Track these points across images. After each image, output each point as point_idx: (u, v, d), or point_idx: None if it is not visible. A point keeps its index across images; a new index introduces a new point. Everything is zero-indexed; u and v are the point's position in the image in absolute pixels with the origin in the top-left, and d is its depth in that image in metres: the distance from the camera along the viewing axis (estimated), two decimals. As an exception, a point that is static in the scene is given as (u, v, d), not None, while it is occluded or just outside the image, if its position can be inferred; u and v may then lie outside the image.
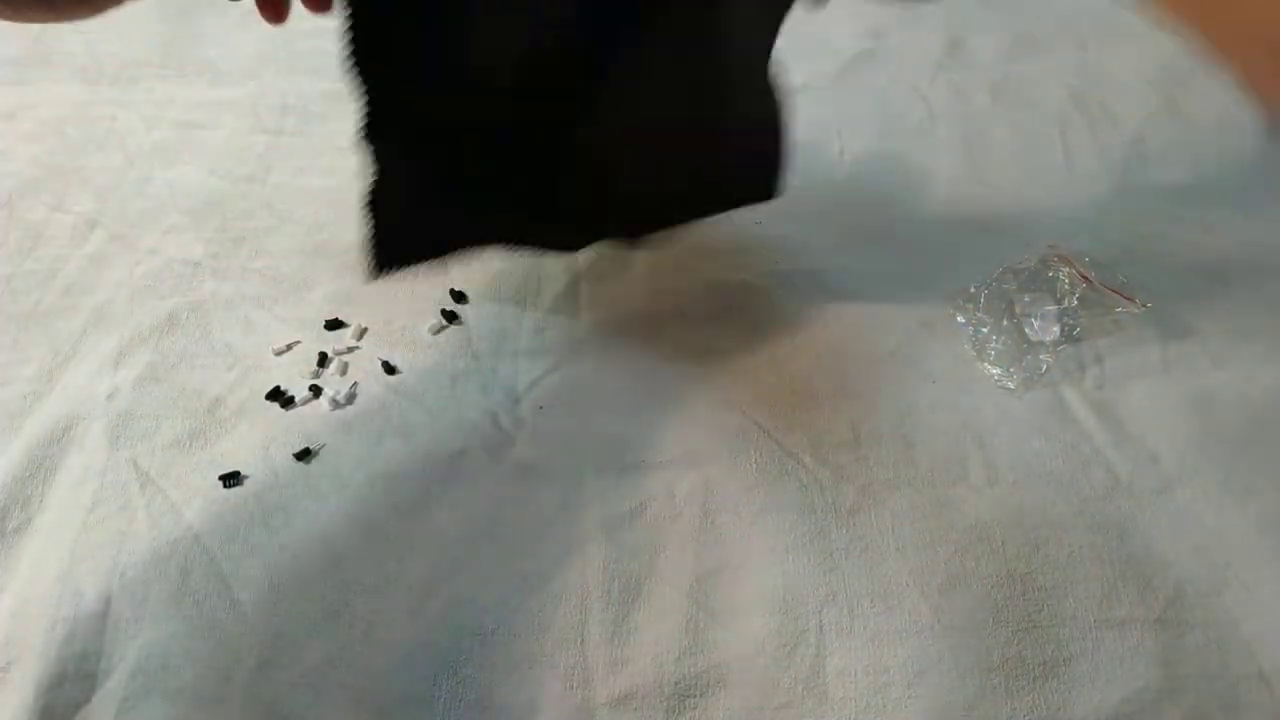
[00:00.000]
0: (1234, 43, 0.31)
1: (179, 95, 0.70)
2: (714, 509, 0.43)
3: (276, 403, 0.48)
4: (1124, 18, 0.75)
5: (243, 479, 0.44)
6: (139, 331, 0.52)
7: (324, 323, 0.52)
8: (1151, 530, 0.42)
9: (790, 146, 0.50)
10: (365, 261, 0.42)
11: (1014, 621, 0.39)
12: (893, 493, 0.43)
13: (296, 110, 0.68)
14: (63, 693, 0.38)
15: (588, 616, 0.40)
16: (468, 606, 0.40)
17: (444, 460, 0.45)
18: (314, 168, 0.63)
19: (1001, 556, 0.41)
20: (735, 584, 0.40)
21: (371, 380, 0.49)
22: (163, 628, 0.39)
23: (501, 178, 0.44)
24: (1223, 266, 0.55)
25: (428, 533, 0.42)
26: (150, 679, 0.38)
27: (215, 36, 0.76)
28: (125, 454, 0.45)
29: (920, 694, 0.38)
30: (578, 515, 0.43)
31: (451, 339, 0.51)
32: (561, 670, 0.38)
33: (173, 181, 0.62)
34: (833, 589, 0.40)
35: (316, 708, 0.38)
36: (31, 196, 0.61)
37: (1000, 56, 0.72)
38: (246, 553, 0.42)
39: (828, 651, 0.39)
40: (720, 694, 0.38)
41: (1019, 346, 0.49)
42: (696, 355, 0.50)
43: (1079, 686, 0.38)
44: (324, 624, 0.40)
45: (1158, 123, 0.65)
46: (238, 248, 0.57)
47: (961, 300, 0.51)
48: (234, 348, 0.51)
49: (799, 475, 0.44)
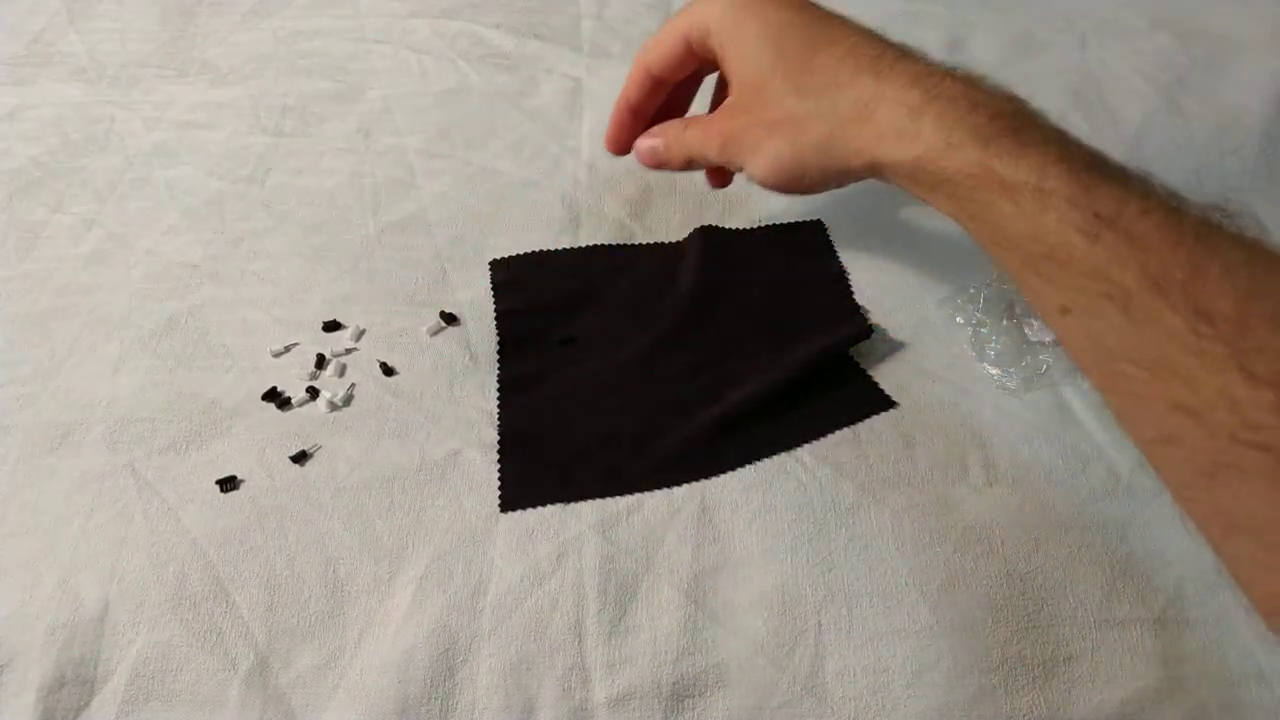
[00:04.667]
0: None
1: (179, 95, 0.70)
2: (712, 507, 0.43)
3: (273, 404, 0.48)
4: (1124, 17, 0.75)
5: (239, 483, 0.44)
6: (137, 333, 0.51)
7: (322, 324, 0.52)
8: (1151, 530, 0.42)
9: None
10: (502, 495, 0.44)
11: (1014, 621, 0.39)
12: (892, 492, 0.43)
13: (296, 110, 0.68)
14: (61, 697, 0.38)
15: (585, 616, 0.40)
16: (464, 607, 0.40)
17: (441, 461, 0.45)
18: (314, 168, 0.63)
19: (1001, 556, 0.41)
20: (734, 583, 0.40)
21: (369, 382, 0.49)
22: (160, 631, 0.39)
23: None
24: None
25: (424, 534, 0.42)
26: (148, 683, 0.39)
27: (215, 36, 0.76)
28: (123, 458, 0.45)
29: (919, 694, 0.38)
30: (575, 513, 0.43)
31: (450, 340, 0.51)
32: (559, 670, 0.38)
33: (172, 182, 0.62)
34: (832, 588, 0.40)
35: (314, 710, 0.38)
36: (30, 197, 0.61)
37: (1000, 56, 0.72)
38: (243, 556, 0.41)
39: (827, 651, 0.39)
40: (719, 694, 0.38)
41: (1019, 346, 0.49)
42: (695, 355, 0.50)
43: (1079, 686, 0.38)
44: (321, 626, 0.40)
45: (1158, 123, 0.65)
46: (236, 249, 0.57)
47: (961, 300, 0.51)
48: (231, 349, 0.51)
49: (798, 474, 0.44)
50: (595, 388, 0.49)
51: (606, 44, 0.74)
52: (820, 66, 0.42)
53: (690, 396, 0.48)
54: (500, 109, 0.68)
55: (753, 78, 0.44)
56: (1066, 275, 0.35)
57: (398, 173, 0.62)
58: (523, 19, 0.77)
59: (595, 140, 0.65)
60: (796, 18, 0.44)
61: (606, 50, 0.74)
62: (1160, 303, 0.32)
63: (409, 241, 0.57)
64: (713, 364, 0.49)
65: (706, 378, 0.48)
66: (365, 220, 0.59)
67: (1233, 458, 0.29)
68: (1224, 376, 0.30)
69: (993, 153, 0.37)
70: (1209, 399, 0.30)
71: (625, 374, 0.49)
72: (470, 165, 0.63)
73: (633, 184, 0.61)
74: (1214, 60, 0.70)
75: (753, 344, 0.50)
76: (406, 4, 0.79)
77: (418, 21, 0.77)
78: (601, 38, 0.75)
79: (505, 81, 0.70)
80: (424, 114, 0.67)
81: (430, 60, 0.72)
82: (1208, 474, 0.31)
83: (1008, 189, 0.36)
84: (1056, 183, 0.35)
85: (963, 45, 0.73)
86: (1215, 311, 0.30)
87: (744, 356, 0.49)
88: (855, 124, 0.41)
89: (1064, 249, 0.34)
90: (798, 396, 0.47)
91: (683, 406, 0.47)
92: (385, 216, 0.59)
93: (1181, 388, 0.31)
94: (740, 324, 0.51)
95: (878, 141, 0.40)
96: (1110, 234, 0.33)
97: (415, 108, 0.68)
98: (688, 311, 0.51)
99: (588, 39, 0.75)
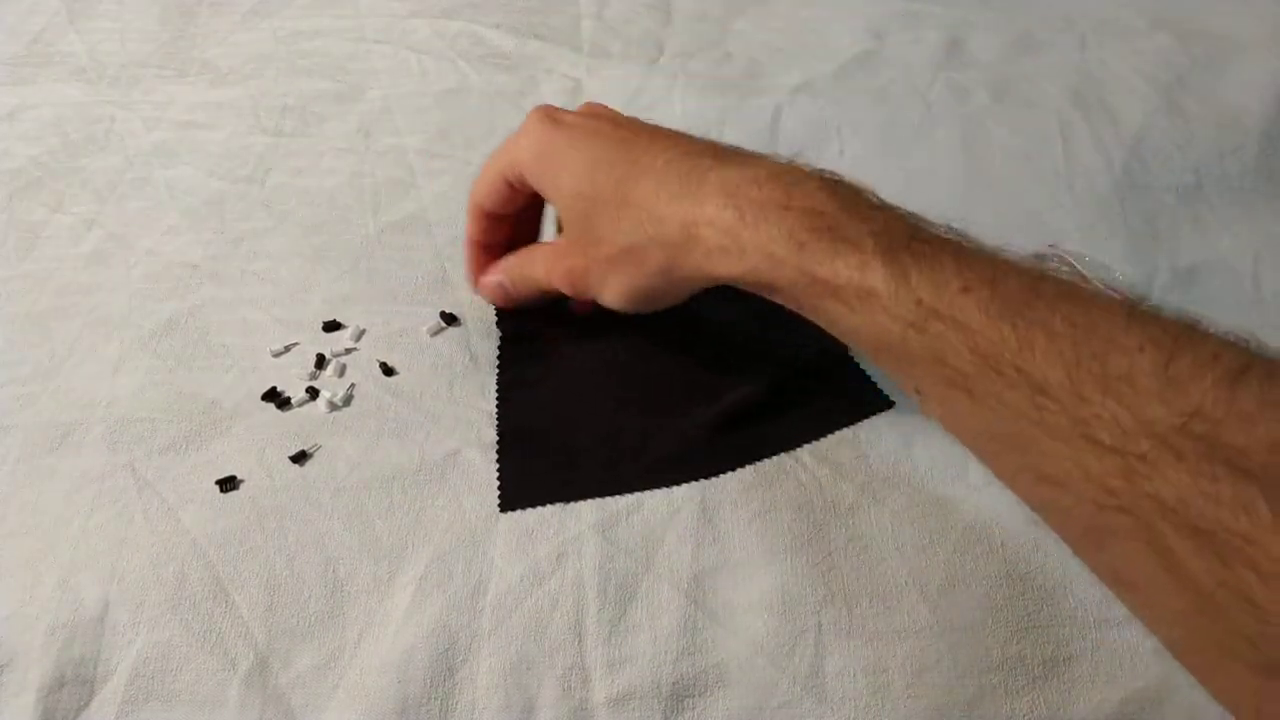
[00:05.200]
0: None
1: (179, 95, 0.70)
2: (712, 507, 0.43)
3: (273, 404, 0.48)
4: (1124, 18, 0.75)
5: (239, 483, 0.44)
6: (137, 333, 0.51)
7: (322, 324, 0.52)
8: (1151, 530, 0.42)
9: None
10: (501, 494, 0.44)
11: (1014, 621, 0.39)
12: (892, 492, 0.43)
13: (296, 110, 0.68)
14: (61, 697, 0.38)
15: (585, 616, 0.40)
16: (464, 607, 0.40)
17: (440, 461, 0.45)
18: (314, 168, 0.63)
19: (1001, 556, 0.41)
20: (734, 583, 0.40)
21: (369, 382, 0.49)
22: (160, 631, 0.39)
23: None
24: (1222, 266, 0.55)
25: (424, 534, 0.42)
26: (148, 683, 0.38)
27: (215, 36, 0.76)
28: (123, 458, 0.45)
29: (919, 694, 0.38)
30: (575, 513, 0.43)
31: (450, 341, 0.51)
32: (559, 670, 0.38)
33: (172, 182, 0.62)
34: (831, 588, 0.40)
35: (314, 710, 0.38)
36: (30, 197, 0.61)
37: (1000, 56, 0.72)
38: (243, 556, 0.41)
39: (826, 651, 0.39)
40: (718, 694, 0.38)
41: (1018, 346, 0.49)
42: (695, 355, 0.50)
43: (1079, 686, 0.38)
44: (320, 626, 0.40)
45: (1158, 123, 0.65)
46: (236, 249, 0.57)
47: (961, 300, 0.51)
48: (231, 349, 0.51)
49: (798, 474, 0.44)
50: (595, 388, 0.49)
51: (606, 44, 0.74)
52: (637, 201, 0.42)
53: (690, 396, 0.48)
54: (500, 109, 0.68)
55: (577, 215, 0.45)
56: (907, 365, 0.35)
57: (398, 173, 0.62)
58: (523, 19, 0.77)
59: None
60: (602, 154, 0.44)
61: (606, 50, 0.74)
62: (998, 382, 0.31)
63: (409, 241, 0.57)
64: (713, 364, 0.49)
65: (706, 377, 0.48)
66: (365, 220, 0.59)
67: (1103, 521, 0.29)
68: (1072, 447, 0.29)
69: (812, 259, 0.37)
70: (1066, 470, 0.30)
71: (625, 374, 0.49)
72: (470, 165, 0.63)
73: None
74: (1214, 60, 0.70)
75: (753, 344, 0.50)
76: (406, 4, 0.79)
77: (418, 21, 0.77)
78: (601, 38, 0.75)
79: (505, 81, 0.70)
80: (424, 114, 0.67)
81: (430, 60, 0.72)
82: (1087, 537, 0.31)
83: (833, 291, 0.36)
84: (876, 277, 0.35)
85: (963, 45, 0.73)
86: (1050, 383, 0.30)
87: (744, 356, 0.49)
88: (686, 247, 0.41)
89: (899, 342, 0.34)
90: (798, 396, 0.47)
91: (683, 406, 0.47)
92: (385, 216, 0.59)
93: (1041, 460, 0.31)
94: (740, 324, 0.51)
95: (709, 260, 0.40)
96: (936, 322, 0.33)
97: (415, 108, 0.68)
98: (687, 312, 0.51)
99: (588, 39, 0.75)
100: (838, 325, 0.37)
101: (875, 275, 0.35)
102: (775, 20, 0.77)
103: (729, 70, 0.72)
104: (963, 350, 0.32)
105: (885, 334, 0.35)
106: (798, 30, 0.76)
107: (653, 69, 0.72)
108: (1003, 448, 0.33)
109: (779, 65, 0.72)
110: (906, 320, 0.34)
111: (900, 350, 0.35)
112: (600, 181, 0.43)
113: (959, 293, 0.33)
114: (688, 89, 0.69)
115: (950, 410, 0.35)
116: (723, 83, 0.70)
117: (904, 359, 0.35)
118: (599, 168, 0.43)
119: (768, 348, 0.49)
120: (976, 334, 0.32)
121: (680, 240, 0.41)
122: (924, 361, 0.34)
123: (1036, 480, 0.32)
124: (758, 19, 0.77)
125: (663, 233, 0.41)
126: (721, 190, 0.40)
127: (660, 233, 0.41)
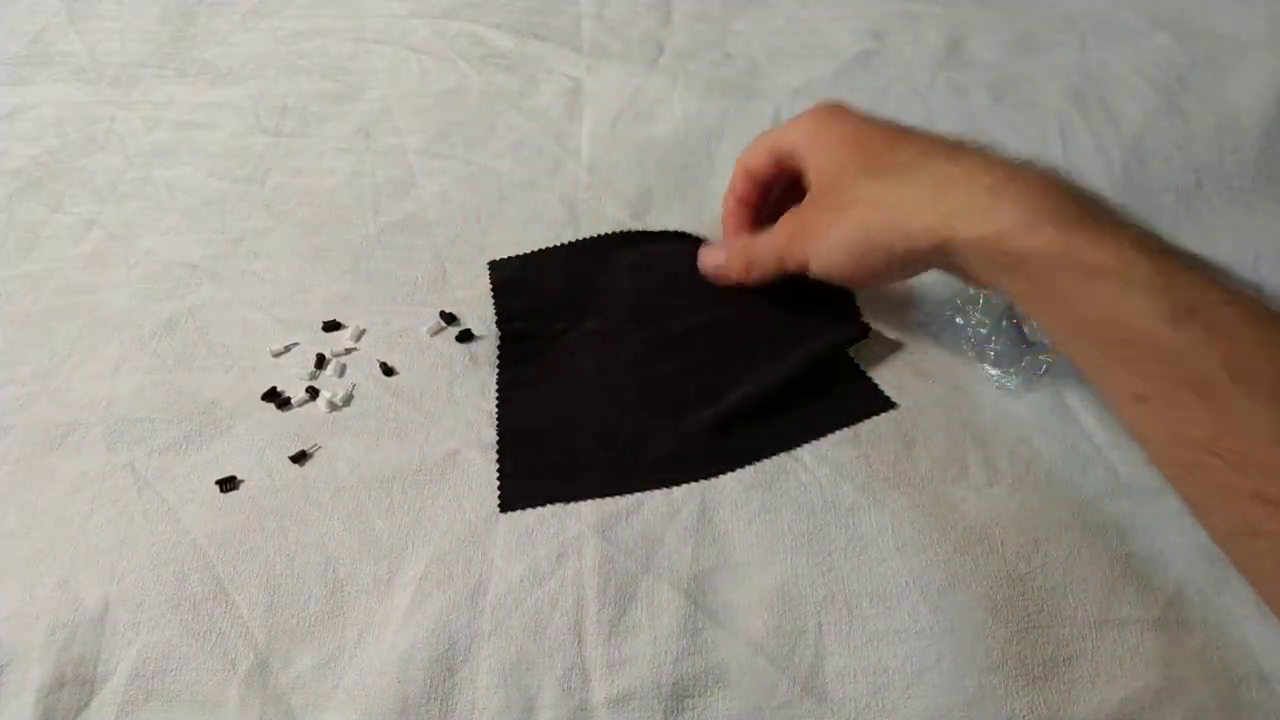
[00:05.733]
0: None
1: (179, 95, 0.70)
2: (712, 507, 0.43)
3: (273, 404, 0.48)
4: (1124, 18, 0.75)
5: (239, 483, 0.44)
6: (137, 333, 0.51)
7: (322, 324, 0.52)
8: (1151, 530, 0.42)
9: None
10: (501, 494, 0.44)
11: (1013, 621, 0.39)
12: (892, 492, 0.43)
13: (296, 110, 0.68)
14: (61, 697, 0.38)
15: (585, 616, 0.40)
16: (464, 607, 0.40)
17: (440, 461, 0.45)
18: (313, 168, 0.63)
19: (1001, 556, 0.41)
20: (734, 583, 0.40)
21: (369, 382, 0.49)
22: (160, 631, 0.39)
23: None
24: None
25: (424, 534, 0.42)
26: (148, 683, 0.38)
27: (215, 36, 0.76)
28: (123, 458, 0.45)
29: (919, 694, 0.37)
30: (574, 513, 0.43)
31: (450, 340, 0.51)
32: (559, 670, 0.38)
33: (172, 182, 0.62)
34: (832, 589, 0.40)
35: (313, 710, 0.38)
36: (30, 197, 0.61)
37: (1000, 56, 0.72)
38: (243, 556, 0.41)
39: (827, 652, 0.39)
40: (719, 694, 0.38)
41: (1019, 346, 0.49)
42: (695, 355, 0.50)
43: (1079, 686, 0.38)
44: (320, 626, 0.40)
45: (1158, 123, 0.65)
46: (236, 249, 0.57)
47: (961, 300, 0.51)
48: (231, 349, 0.51)
49: (798, 474, 0.44)
50: (595, 388, 0.49)
51: (606, 44, 0.74)
52: (896, 155, 0.43)
53: (690, 396, 0.48)
54: (500, 109, 0.68)
55: (831, 172, 0.45)
56: (1146, 362, 0.34)
57: (398, 173, 0.62)
58: (523, 19, 0.77)
59: (595, 140, 0.65)
60: (874, 127, 0.46)
61: (606, 50, 0.74)
62: (1243, 392, 0.31)
63: (409, 241, 0.57)
64: (712, 364, 0.49)
65: (706, 377, 0.48)
66: (365, 220, 0.59)
67: None
68: None
69: (1074, 235, 0.36)
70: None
71: (625, 374, 0.49)
72: (470, 165, 0.63)
73: (633, 185, 0.61)
74: (1214, 60, 0.70)
75: (753, 343, 0.50)
76: (406, 4, 0.79)
77: (418, 21, 0.77)
78: (601, 38, 0.75)
79: (505, 81, 0.70)
80: (424, 114, 0.67)
81: (430, 60, 0.72)
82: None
83: (1089, 272, 0.36)
84: (1139, 268, 0.35)
85: (963, 45, 0.73)
86: None
87: (744, 356, 0.49)
88: (928, 202, 0.41)
89: (1145, 335, 0.34)
90: (798, 396, 0.47)
91: (683, 406, 0.47)
92: (385, 216, 0.59)
93: (1263, 479, 0.31)
94: (740, 323, 0.51)
95: (951, 219, 0.40)
96: (1193, 321, 0.33)
97: (415, 108, 0.68)
98: (687, 311, 0.51)
99: (588, 39, 0.75)
100: (1077, 309, 0.37)
101: (1139, 266, 0.35)
102: (775, 20, 0.77)
103: (729, 70, 0.72)
104: (1214, 354, 0.32)
105: (1132, 323, 0.34)
106: (798, 30, 0.76)
107: (653, 69, 0.72)
108: (1221, 462, 0.32)
109: (779, 66, 0.72)
110: (1162, 314, 0.34)
111: (1143, 343, 0.34)
112: (865, 143, 0.45)
113: (1221, 302, 0.33)
114: (688, 89, 0.69)
115: (1173, 416, 0.34)
116: (723, 83, 0.70)
117: (1143, 353, 0.34)
118: (867, 132, 0.46)
119: (768, 348, 0.49)
120: (1234, 341, 0.32)
121: (924, 195, 0.41)
122: (1165, 360, 0.34)
123: (1252, 501, 0.31)
124: (758, 19, 0.77)
125: (909, 185, 0.42)
126: (985, 161, 0.41)
127: (907, 184, 0.42)
